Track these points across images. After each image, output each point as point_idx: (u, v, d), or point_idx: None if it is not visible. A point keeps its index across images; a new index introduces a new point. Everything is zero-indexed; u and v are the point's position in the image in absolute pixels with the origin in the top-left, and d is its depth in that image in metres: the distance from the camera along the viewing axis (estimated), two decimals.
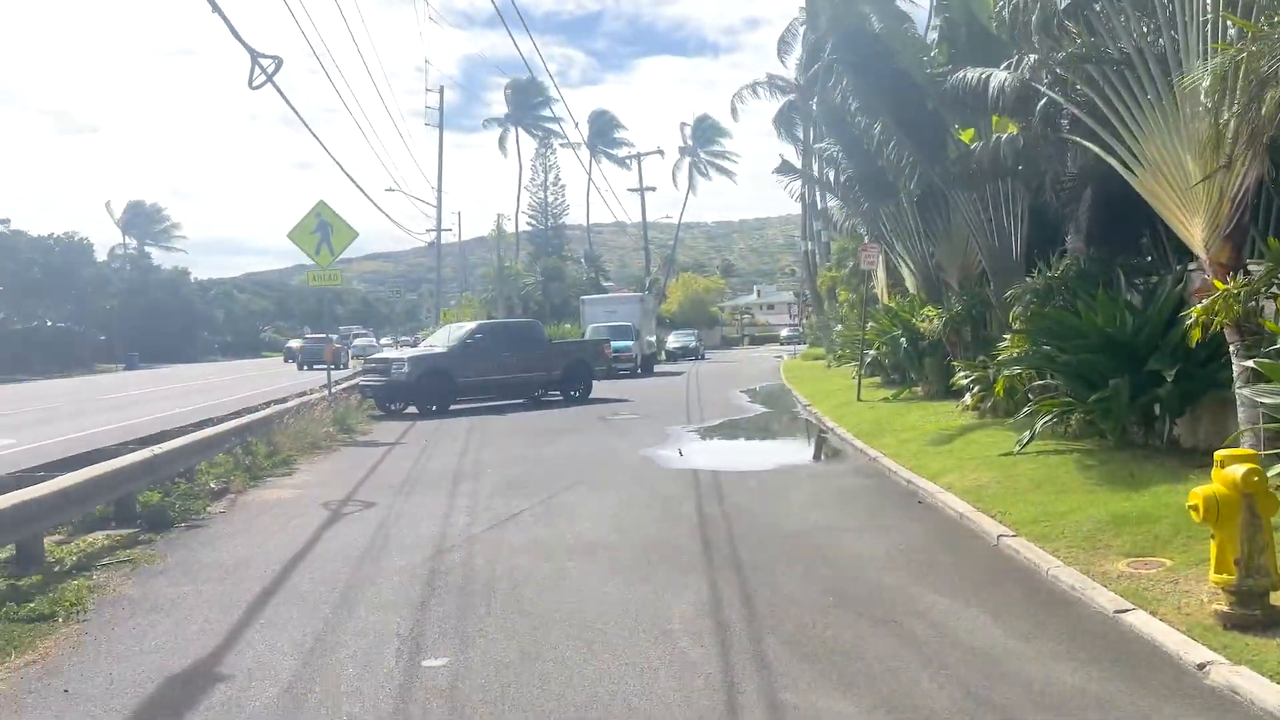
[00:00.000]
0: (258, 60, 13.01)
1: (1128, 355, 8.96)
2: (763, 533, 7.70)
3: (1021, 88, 9.29)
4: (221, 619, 5.69)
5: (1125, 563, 5.96)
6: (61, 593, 6.04)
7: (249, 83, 12.93)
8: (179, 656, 5.05)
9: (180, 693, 4.55)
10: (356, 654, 5.01)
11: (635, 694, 4.38)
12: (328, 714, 4.22)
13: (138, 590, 6.42)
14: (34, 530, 6.64)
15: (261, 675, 4.73)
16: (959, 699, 4.21)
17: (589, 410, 19.69)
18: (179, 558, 7.34)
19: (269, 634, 5.40)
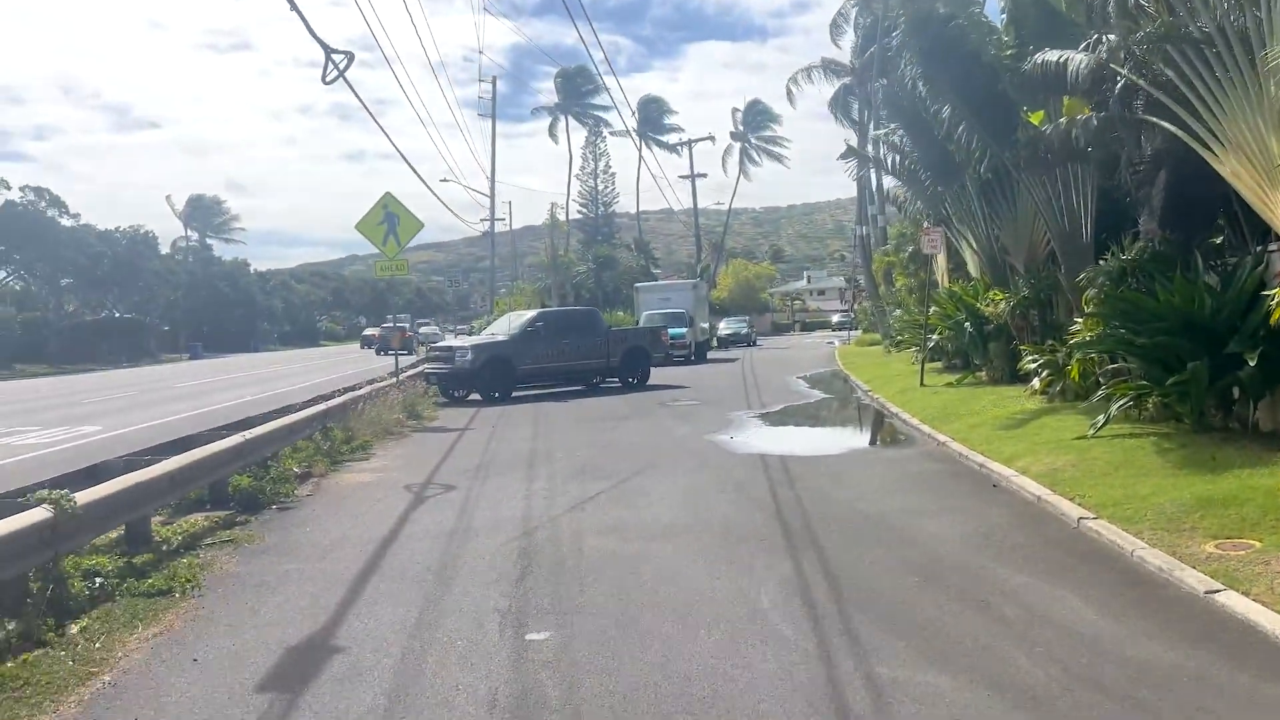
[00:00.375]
0: (331, 56, 13.36)
1: (1206, 338, 8.88)
2: (840, 515, 7.80)
3: (1098, 69, 9.22)
4: (327, 595, 5.95)
5: (1213, 544, 5.97)
6: (174, 570, 6.35)
7: (322, 77, 13.25)
8: (294, 629, 5.30)
9: (302, 662, 4.80)
10: (461, 628, 5.22)
11: (735, 666, 4.53)
12: (444, 683, 4.43)
13: (243, 568, 6.71)
14: (144, 511, 6.97)
15: (375, 647, 4.96)
16: (1057, 675, 4.29)
17: (648, 396, 19.86)
18: (276, 538, 7.65)
19: (374, 609, 5.64)
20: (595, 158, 78.78)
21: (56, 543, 5.49)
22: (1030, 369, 13.08)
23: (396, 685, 4.43)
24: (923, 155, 15.90)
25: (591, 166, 78.86)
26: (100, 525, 6.21)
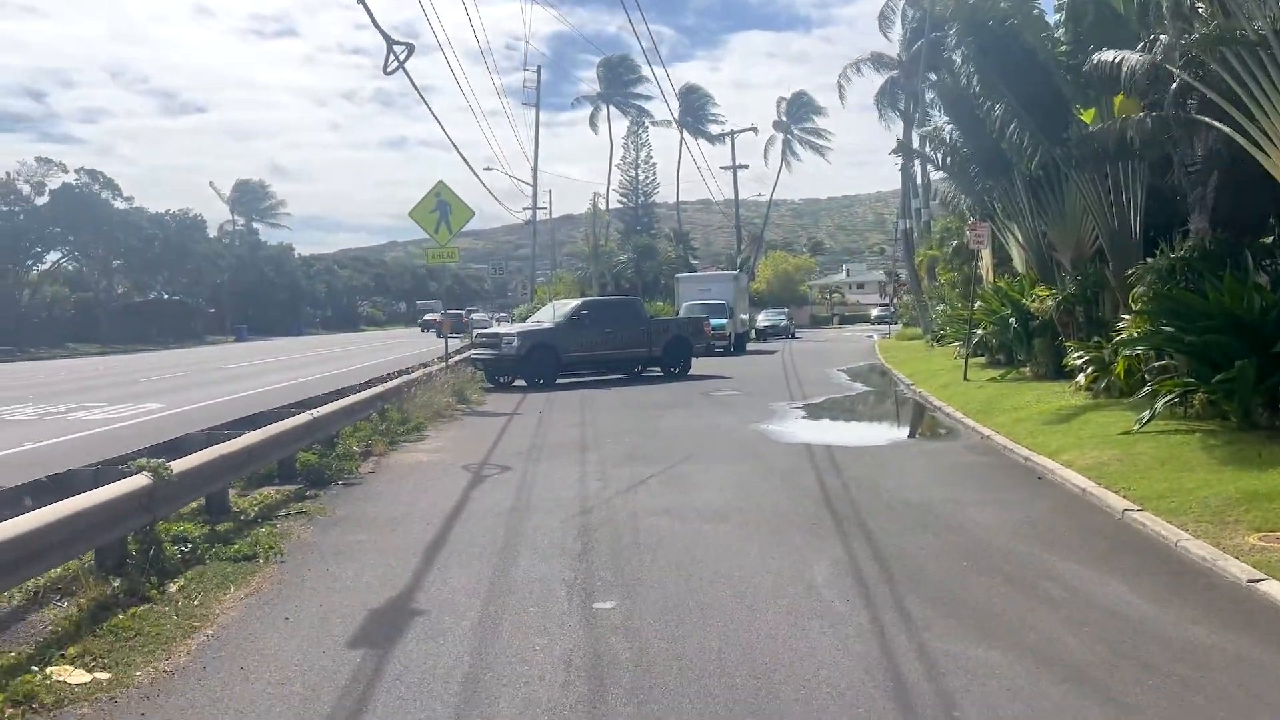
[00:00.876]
0: (393, 48, 13.72)
1: (1255, 337, 8.98)
2: (887, 503, 8.02)
3: (1153, 69, 9.32)
4: (400, 564, 6.29)
5: (1256, 537, 6.13)
6: (256, 538, 6.73)
7: (384, 68, 13.61)
8: (374, 593, 5.65)
9: (385, 622, 5.13)
10: (531, 596, 5.54)
11: (794, 637, 4.79)
12: (520, 644, 4.74)
13: (318, 538, 7.08)
14: (225, 482, 7.37)
15: (452, 611, 5.29)
16: (1102, 653, 4.51)
17: (690, 386, 20.13)
18: (346, 511, 8.02)
19: (447, 577, 5.97)
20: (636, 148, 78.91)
21: (154, 508, 5.87)
22: (1075, 365, 13.16)
23: (477, 645, 4.75)
24: (973, 151, 15.99)
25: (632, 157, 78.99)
26: (190, 493, 6.61)
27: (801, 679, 4.27)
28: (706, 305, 33.32)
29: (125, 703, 4.16)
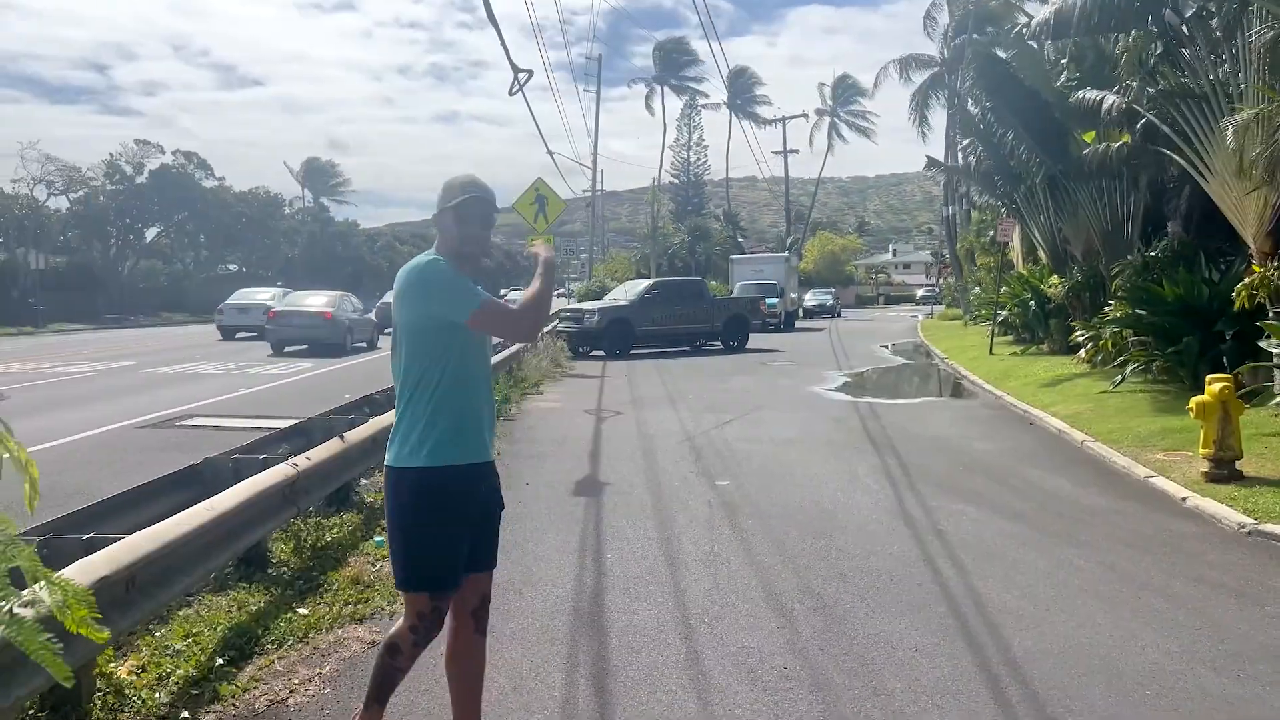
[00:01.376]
0: (518, 74, 16.74)
1: (1200, 319, 11.71)
2: (913, 436, 10.94)
3: (1127, 109, 12.03)
4: (578, 463, 9.34)
5: (1162, 454, 8.98)
6: None
7: (509, 91, 16.68)
8: (572, 475, 8.70)
9: (587, 487, 8.19)
10: (674, 478, 8.56)
11: (845, 499, 7.75)
12: (677, 498, 7.75)
13: (510, 449, 10.15)
14: None
15: (627, 483, 8.32)
16: (1034, 508, 7.42)
17: (748, 358, 23.06)
18: (519, 436, 11.11)
19: (614, 468, 9.01)
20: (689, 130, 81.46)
21: None
22: (1079, 341, 15.88)
23: (652, 498, 7.78)
24: (992, 163, 18.65)
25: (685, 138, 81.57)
26: None
27: (850, 514, 7.24)
28: (760, 285, 36.15)
29: None
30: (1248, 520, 6.60)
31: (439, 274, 3.04)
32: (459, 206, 3.13)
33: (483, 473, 3.20)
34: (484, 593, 3.31)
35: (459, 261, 3.14)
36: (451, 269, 3.07)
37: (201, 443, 9.46)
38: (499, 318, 3.12)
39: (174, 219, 54.38)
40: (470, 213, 3.14)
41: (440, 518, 3.06)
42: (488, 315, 3.05)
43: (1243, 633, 4.67)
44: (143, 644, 4.37)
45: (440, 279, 3.04)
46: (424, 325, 3.06)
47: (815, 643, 4.59)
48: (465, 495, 3.11)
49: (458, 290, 3.02)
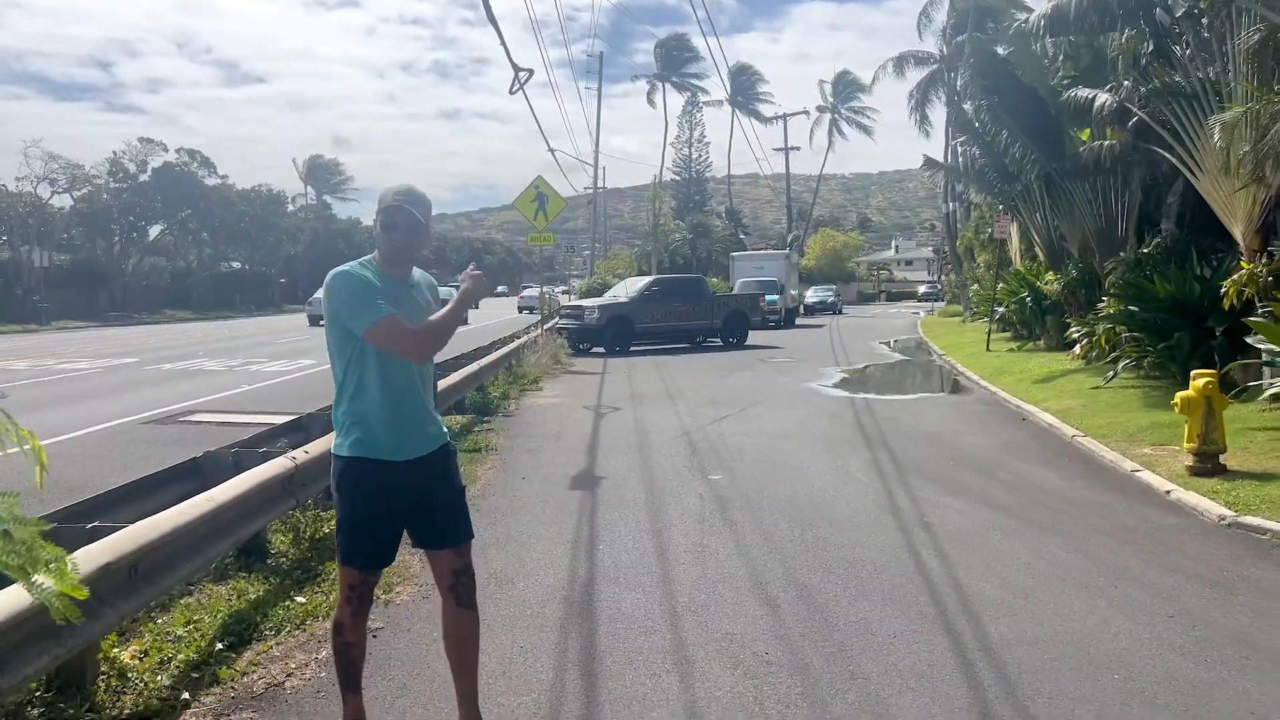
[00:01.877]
0: (518, 73, 16.86)
1: (1191, 315, 11.82)
2: (906, 431, 11.06)
3: (1119, 107, 12.14)
4: (574, 457, 9.49)
5: (1149, 448, 9.10)
6: (473, 441, 9.97)
7: (510, 90, 16.81)
8: (568, 469, 8.84)
9: (584, 480, 8.33)
10: (668, 472, 8.69)
11: (836, 492, 7.89)
12: (671, 491, 7.89)
13: (509, 444, 10.31)
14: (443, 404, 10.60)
15: (622, 476, 8.46)
16: (1021, 501, 7.55)
17: (748, 354, 23.19)
18: (517, 431, 11.26)
19: (609, 462, 9.15)
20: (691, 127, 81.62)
21: None
22: (1074, 338, 16.00)
23: (646, 491, 7.92)
24: (988, 162, 18.75)
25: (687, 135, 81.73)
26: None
27: (839, 507, 7.37)
28: (760, 282, 36.22)
29: None
30: (1228, 513, 6.73)
31: (347, 283, 3.18)
32: (383, 215, 3.25)
33: (411, 468, 3.28)
34: (453, 568, 3.41)
35: (391, 266, 3.28)
36: (363, 279, 3.18)
37: (203, 438, 9.62)
38: (394, 336, 3.14)
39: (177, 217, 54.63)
40: (394, 220, 3.24)
41: (359, 507, 3.27)
42: (382, 331, 3.12)
43: (1213, 620, 4.80)
44: (145, 630, 4.52)
45: (347, 288, 3.18)
46: (335, 330, 3.26)
47: (797, 629, 4.72)
48: (384, 488, 3.24)
49: (359, 303, 3.13)
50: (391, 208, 3.24)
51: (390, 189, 3.29)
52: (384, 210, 3.25)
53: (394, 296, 3.21)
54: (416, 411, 3.35)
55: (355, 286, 3.17)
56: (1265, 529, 6.34)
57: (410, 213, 3.24)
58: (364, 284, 3.17)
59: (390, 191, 3.28)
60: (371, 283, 3.18)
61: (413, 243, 3.30)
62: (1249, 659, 4.29)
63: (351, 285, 3.18)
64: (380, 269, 3.27)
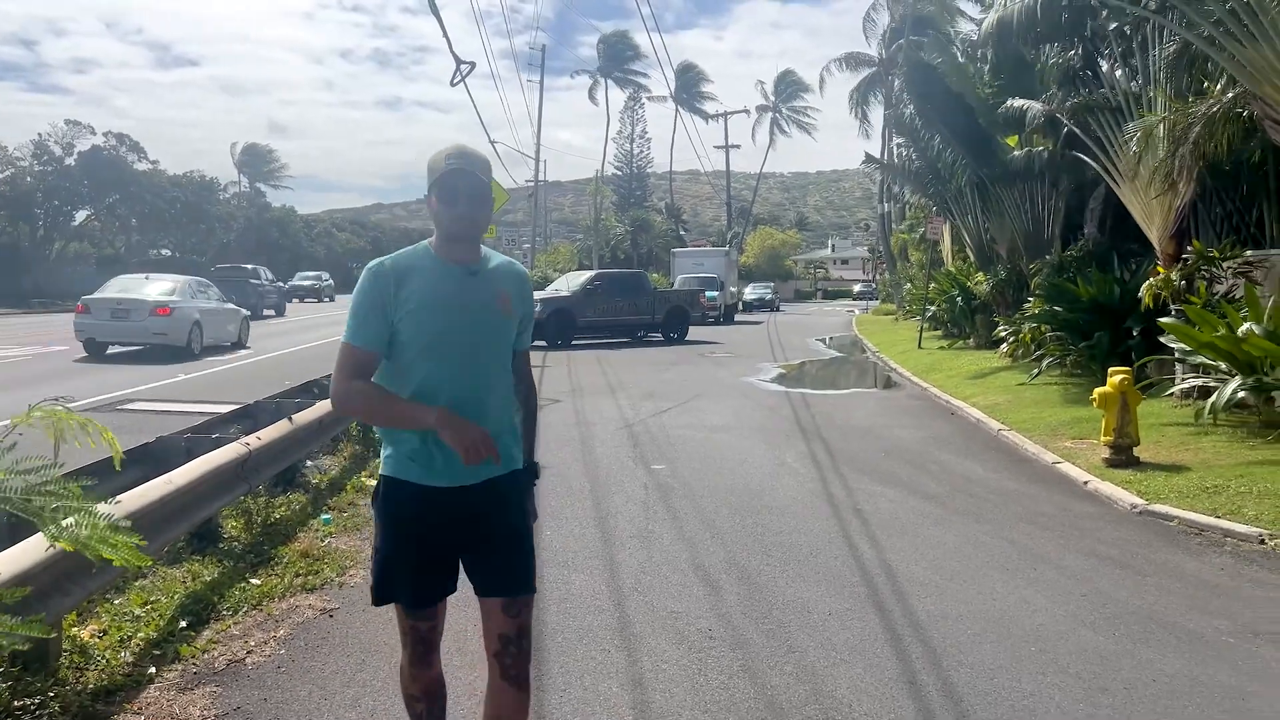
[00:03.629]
0: (460, 65, 16.89)
1: (1111, 315, 12.40)
2: (840, 425, 11.43)
3: (1048, 118, 12.65)
4: None
5: (1070, 441, 9.57)
6: None
7: (450, 81, 16.81)
8: None
9: None
10: (613, 464, 8.90)
11: (773, 482, 8.17)
12: (616, 481, 8.10)
13: None
14: None
15: (566, 469, 8.64)
16: (947, 490, 7.92)
17: (688, 349, 23.51)
18: None
19: (552, 454, 9.32)
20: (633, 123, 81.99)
21: None
22: (1002, 336, 16.59)
23: (590, 481, 8.11)
24: (923, 164, 19.34)
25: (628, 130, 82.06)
26: None
27: (778, 496, 7.66)
28: (700, 278, 36.64)
29: None
30: (1139, 501, 7.17)
31: (362, 283, 2.68)
32: (439, 184, 2.65)
33: (460, 495, 2.69)
34: (501, 630, 2.74)
35: (450, 246, 2.72)
36: (377, 281, 2.65)
37: (144, 426, 9.54)
38: (339, 368, 2.66)
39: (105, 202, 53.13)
40: (453, 187, 2.65)
41: (394, 531, 2.76)
42: (340, 355, 2.67)
43: (1122, 599, 5.16)
44: (102, 610, 4.59)
45: (359, 289, 2.68)
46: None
47: (738, 608, 4.97)
48: (422, 518, 2.71)
49: (352, 310, 2.66)
50: (449, 173, 2.64)
51: (440, 152, 2.70)
52: (440, 178, 2.65)
53: (443, 290, 2.66)
54: (496, 419, 2.74)
55: (364, 290, 2.66)
56: (1172, 516, 6.77)
57: (473, 176, 2.66)
58: (374, 290, 2.64)
59: (441, 155, 2.69)
60: (381, 293, 2.63)
61: (480, 215, 2.71)
62: (1153, 633, 4.65)
63: (362, 287, 2.67)
64: (437, 254, 2.71)
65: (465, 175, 2.66)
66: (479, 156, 2.72)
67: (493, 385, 2.74)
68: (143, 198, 52.69)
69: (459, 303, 2.68)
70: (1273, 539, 6.11)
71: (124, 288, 19.08)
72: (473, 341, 2.71)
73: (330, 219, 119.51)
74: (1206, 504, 6.94)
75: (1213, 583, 5.45)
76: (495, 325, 2.78)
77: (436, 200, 2.67)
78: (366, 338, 2.64)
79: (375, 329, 2.64)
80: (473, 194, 2.68)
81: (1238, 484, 7.33)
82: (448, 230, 2.70)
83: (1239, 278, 10.37)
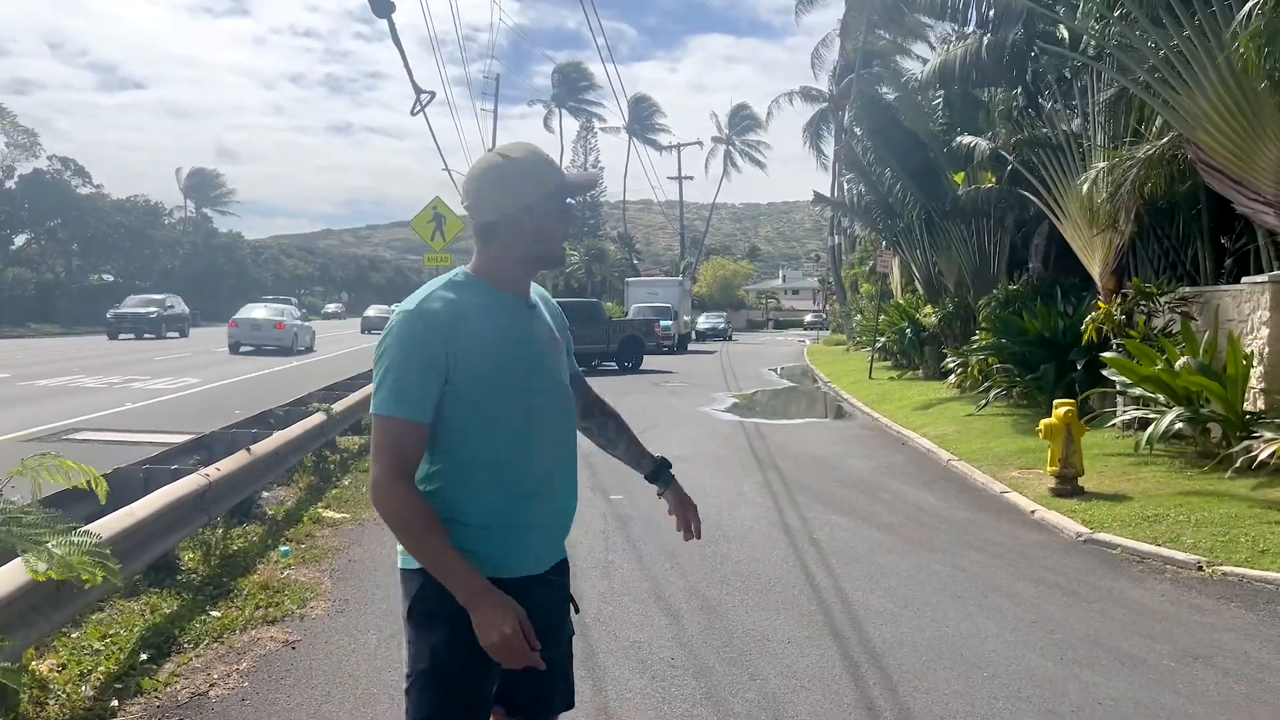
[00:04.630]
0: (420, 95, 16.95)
1: (1056, 348, 12.76)
2: (794, 455, 11.60)
3: (994, 154, 13.06)
4: None
5: (1017, 471, 9.83)
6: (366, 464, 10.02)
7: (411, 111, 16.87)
8: None
9: None
10: None
11: (731, 511, 8.29)
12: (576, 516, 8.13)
13: None
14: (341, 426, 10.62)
15: None
16: (900, 519, 8.10)
17: (643, 378, 23.64)
18: None
19: None
20: (586, 152, 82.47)
21: (325, 432, 9.12)
22: (950, 368, 16.95)
23: None
24: (873, 199, 19.80)
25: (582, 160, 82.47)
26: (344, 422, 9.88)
27: (734, 525, 7.77)
28: (654, 308, 36.86)
29: (358, 528, 7.50)
30: (1084, 530, 7.39)
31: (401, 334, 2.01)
32: (553, 195, 2.13)
33: (535, 589, 2.18)
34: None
35: (519, 273, 2.18)
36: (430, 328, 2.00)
37: (91, 457, 9.37)
38: (384, 451, 2.00)
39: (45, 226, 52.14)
40: (568, 203, 2.21)
41: (457, 652, 2.06)
42: (386, 435, 2.00)
43: (1069, 625, 5.34)
44: (59, 644, 4.54)
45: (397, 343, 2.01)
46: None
47: (699, 637, 5.05)
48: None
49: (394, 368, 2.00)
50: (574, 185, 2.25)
51: (531, 152, 2.16)
52: (560, 187, 2.16)
53: (511, 333, 2.11)
54: (567, 492, 2.35)
55: (410, 339, 2.00)
56: (1115, 544, 7.00)
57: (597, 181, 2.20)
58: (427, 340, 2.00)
59: (540, 158, 2.15)
60: (437, 344, 2.00)
61: (567, 234, 2.24)
62: (1098, 658, 4.82)
63: (408, 336, 2.00)
64: (493, 286, 2.12)
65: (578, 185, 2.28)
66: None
67: (568, 452, 2.29)
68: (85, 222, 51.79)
69: (530, 350, 2.14)
70: (1210, 566, 6.35)
71: (253, 311, 31.15)
72: (547, 396, 2.20)
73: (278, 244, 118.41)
74: (1147, 532, 7.19)
75: (1154, 609, 5.65)
76: (561, 372, 2.28)
77: (542, 213, 2.11)
78: (417, 406, 1.98)
79: (429, 392, 1.99)
80: (569, 211, 2.26)
81: (1176, 513, 7.60)
82: (542, 252, 2.15)
83: (1175, 313, 10.77)
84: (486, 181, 2.12)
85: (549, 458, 2.23)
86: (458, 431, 2.06)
